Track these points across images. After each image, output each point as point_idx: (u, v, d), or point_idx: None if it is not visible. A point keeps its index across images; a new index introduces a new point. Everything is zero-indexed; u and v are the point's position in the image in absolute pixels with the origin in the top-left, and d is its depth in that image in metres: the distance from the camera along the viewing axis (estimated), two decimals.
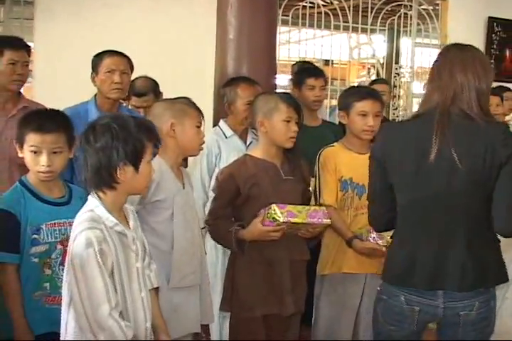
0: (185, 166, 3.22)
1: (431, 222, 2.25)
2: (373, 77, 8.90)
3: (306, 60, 6.27)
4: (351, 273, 3.09)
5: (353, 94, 3.14)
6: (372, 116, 3.06)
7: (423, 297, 2.26)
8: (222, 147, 3.52)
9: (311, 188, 3.17)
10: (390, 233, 2.88)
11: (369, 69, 8.93)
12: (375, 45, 8.12)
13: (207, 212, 3.32)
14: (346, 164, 3.13)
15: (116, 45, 3.48)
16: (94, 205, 2.04)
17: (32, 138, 2.41)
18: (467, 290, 2.25)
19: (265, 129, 2.88)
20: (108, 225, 2.01)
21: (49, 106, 3.19)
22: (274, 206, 2.65)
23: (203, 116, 2.81)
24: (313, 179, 3.18)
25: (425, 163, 2.18)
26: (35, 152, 2.42)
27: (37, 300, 2.39)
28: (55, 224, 2.46)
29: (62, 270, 2.37)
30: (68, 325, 2.01)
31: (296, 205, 2.73)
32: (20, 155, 2.48)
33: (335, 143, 3.23)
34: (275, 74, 3.86)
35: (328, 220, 2.77)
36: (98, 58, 3.35)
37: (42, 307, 2.38)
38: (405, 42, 7.37)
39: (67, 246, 2.42)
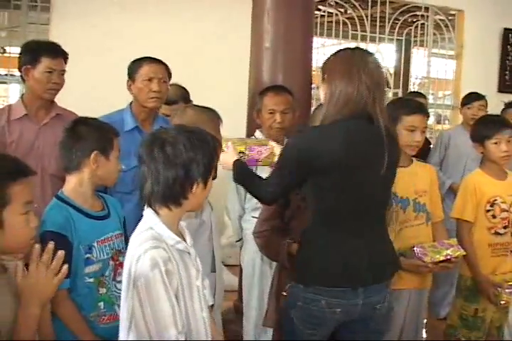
0: (215, 177, 3.13)
1: (359, 222, 2.32)
2: None
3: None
4: (397, 290, 3.01)
5: (402, 107, 3.02)
6: (420, 131, 2.99)
7: (344, 298, 2.27)
8: None
9: None
10: (434, 249, 2.87)
11: None
12: (384, 55, 8.09)
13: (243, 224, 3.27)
14: None
15: (135, 52, 3.38)
16: (153, 223, 1.92)
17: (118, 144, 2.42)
18: (387, 279, 2.42)
19: None
20: (169, 243, 1.90)
21: None
22: None
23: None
24: None
25: (366, 166, 2.26)
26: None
27: (92, 321, 2.25)
28: (105, 240, 2.34)
29: (115, 286, 2.31)
30: None
31: None
32: (94, 166, 2.34)
33: None
34: (311, 83, 3.76)
35: None
36: (135, 65, 3.20)
37: (97, 328, 2.25)
38: (419, 53, 7.35)
39: (117, 260, 2.35)
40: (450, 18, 6.85)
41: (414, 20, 6.79)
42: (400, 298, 3.01)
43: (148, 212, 1.95)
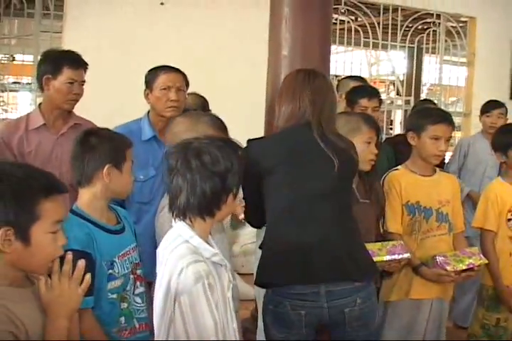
0: None
1: (311, 220, 2.36)
2: (392, 94, 8.85)
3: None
4: (419, 300, 2.99)
5: (428, 117, 3.02)
6: (444, 140, 2.97)
7: (306, 300, 2.30)
8: None
9: None
10: (456, 258, 2.85)
11: (388, 86, 8.86)
12: (394, 62, 8.08)
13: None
14: (412, 187, 3.04)
15: (149, 61, 3.36)
16: (188, 236, 1.88)
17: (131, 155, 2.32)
18: (356, 280, 2.35)
19: None
20: (205, 256, 1.87)
21: None
22: None
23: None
24: None
25: (311, 165, 2.40)
26: None
27: (114, 336, 2.18)
28: (124, 254, 2.26)
29: (134, 299, 2.26)
30: None
31: (375, 243, 2.71)
32: (107, 180, 2.21)
33: (399, 167, 3.14)
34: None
35: (408, 254, 2.75)
36: (152, 74, 3.15)
37: None
38: (431, 60, 7.33)
39: (135, 273, 2.29)
40: (462, 25, 6.83)
41: (426, 27, 6.77)
42: (422, 307, 3.02)
43: (180, 225, 1.92)
